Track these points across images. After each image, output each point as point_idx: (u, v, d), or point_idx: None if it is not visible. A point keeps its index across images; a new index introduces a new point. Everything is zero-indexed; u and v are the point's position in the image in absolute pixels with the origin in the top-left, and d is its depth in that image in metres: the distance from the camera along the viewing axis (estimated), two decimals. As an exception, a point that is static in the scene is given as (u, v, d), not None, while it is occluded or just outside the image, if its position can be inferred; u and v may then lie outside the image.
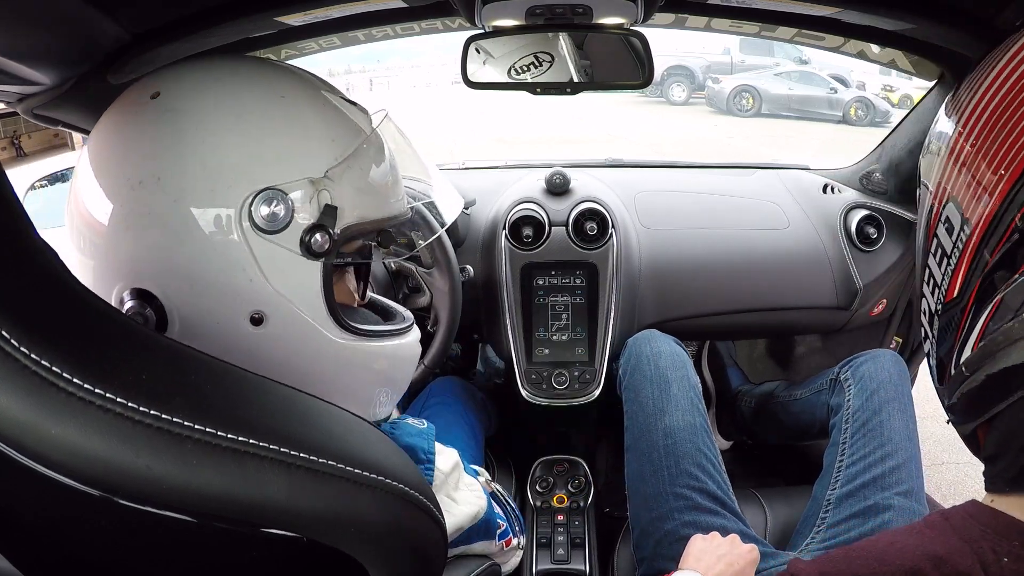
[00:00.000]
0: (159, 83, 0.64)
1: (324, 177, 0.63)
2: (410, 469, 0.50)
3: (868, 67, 9.97)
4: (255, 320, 0.61)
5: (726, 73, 12.69)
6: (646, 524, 1.11)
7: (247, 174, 0.60)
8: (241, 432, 0.37)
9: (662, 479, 1.11)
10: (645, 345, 1.32)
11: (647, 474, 1.14)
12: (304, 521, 0.40)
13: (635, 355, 1.32)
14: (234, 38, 1.02)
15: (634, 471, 1.18)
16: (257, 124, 0.62)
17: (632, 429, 1.23)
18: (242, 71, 0.66)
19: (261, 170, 0.60)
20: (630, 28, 1.05)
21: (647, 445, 1.17)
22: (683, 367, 1.27)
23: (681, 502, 1.07)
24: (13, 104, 0.90)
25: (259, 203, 0.59)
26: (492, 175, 1.85)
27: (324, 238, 0.62)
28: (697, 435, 1.15)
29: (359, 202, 0.66)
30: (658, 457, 1.14)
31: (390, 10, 1.11)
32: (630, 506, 1.17)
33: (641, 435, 1.19)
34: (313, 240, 0.62)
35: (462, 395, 1.52)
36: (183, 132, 0.60)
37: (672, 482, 1.10)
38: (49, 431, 0.32)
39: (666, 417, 1.18)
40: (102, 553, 0.41)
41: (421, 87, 18.87)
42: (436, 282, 1.35)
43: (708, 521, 1.05)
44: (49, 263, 0.36)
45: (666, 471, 1.11)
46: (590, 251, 1.48)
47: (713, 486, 1.09)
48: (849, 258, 1.59)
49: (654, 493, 1.11)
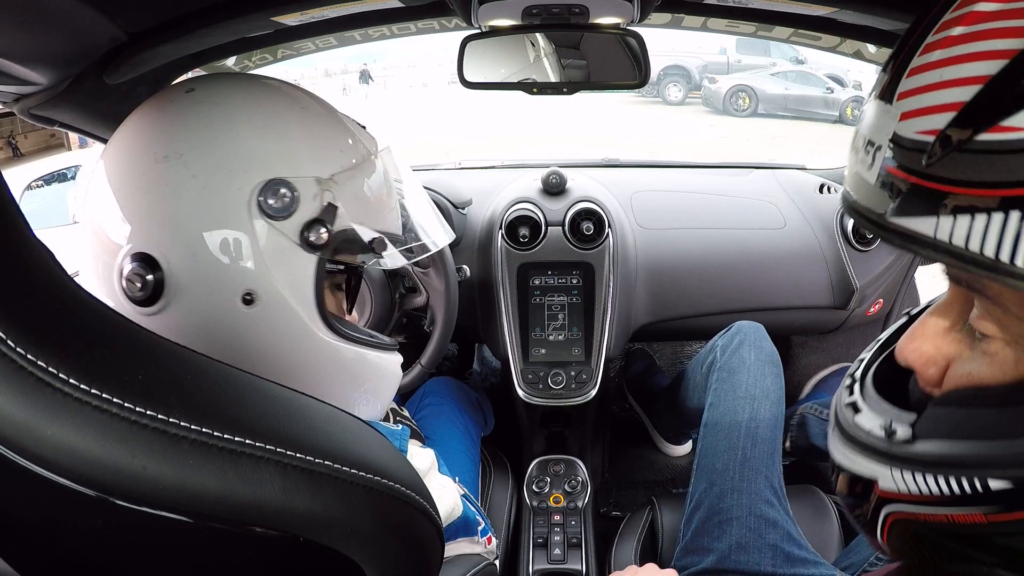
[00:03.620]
0: (195, 84, 0.71)
1: (330, 179, 0.69)
2: (406, 469, 0.50)
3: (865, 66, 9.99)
4: (247, 300, 0.66)
5: (722, 73, 12.71)
6: (704, 497, 1.13)
7: (262, 163, 0.65)
8: (237, 432, 0.37)
9: (735, 459, 1.13)
10: (751, 332, 1.32)
11: (721, 451, 1.15)
12: (300, 521, 0.40)
13: (740, 339, 1.32)
14: (230, 38, 1.02)
15: (708, 446, 1.19)
16: (277, 124, 0.69)
17: (717, 407, 1.23)
18: (271, 84, 0.74)
19: (275, 162, 0.66)
20: (626, 28, 1.05)
21: (730, 424, 1.18)
22: (779, 367, 1.28)
23: (745, 484, 1.10)
24: (9, 104, 0.89)
25: (269, 190, 0.65)
26: (488, 175, 1.86)
27: (322, 233, 0.67)
28: (777, 431, 1.18)
29: (357, 209, 0.71)
30: (737, 437, 1.15)
31: (386, 10, 1.11)
32: (694, 479, 1.18)
33: (726, 414, 1.20)
34: (312, 233, 0.67)
35: (456, 395, 1.52)
36: (211, 119, 0.66)
37: (744, 465, 1.12)
38: (45, 431, 0.32)
39: (755, 403, 1.19)
40: (98, 553, 0.41)
41: (418, 87, 18.86)
42: (432, 282, 1.35)
43: (763, 511, 1.07)
44: (45, 263, 0.36)
45: (741, 452, 1.13)
46: (586, 251, 1.49)
47: (776, 481, 1.12)
48: (845, 258, 1.60)
49: (722, 469, 1.13)
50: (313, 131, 0.71)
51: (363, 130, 0.79)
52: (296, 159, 0.67)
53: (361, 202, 0.72)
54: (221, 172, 0.64)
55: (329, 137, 0.72)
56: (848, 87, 11.52)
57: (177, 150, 0.64)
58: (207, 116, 0.67)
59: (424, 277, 1.35)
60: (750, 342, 1.30)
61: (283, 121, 0.69)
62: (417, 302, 1.39)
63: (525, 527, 1.45)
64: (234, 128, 0.66)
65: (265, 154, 0.66)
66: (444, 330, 1.35)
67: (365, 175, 0.73)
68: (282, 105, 0.71)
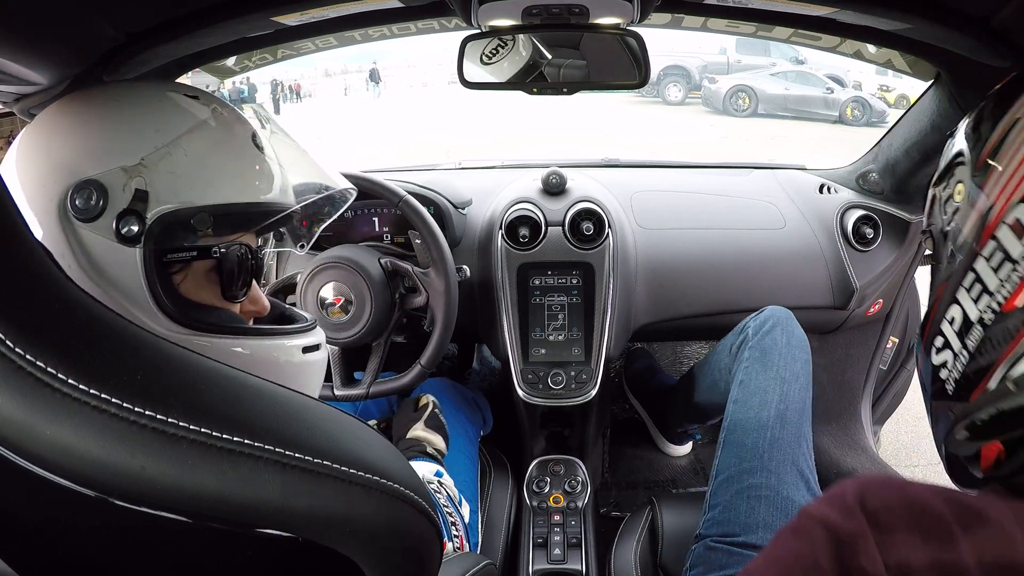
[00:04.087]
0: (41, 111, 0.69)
1: (139, 164, 0.64)
2: (405, 468, 0.50)
3: (864, 67, 10.02)
4: None
5: (722, 73, 12.72)
6: (732, 472, 1.12)
7: (69, 168, 0.63)
8: (236, 432, 0.37)
9: (764, 438, 1.12)
10: (783, 317, 1.31)
11: (751, 428, 1.15)
12: (299, 521, 0.40)
13: (773, 322, 1.31)
14: (230, 38, 1.02)
15: (737, 420, 1.18)
16: (85, 121, 0.66)
17: (747, 384, 1.23)
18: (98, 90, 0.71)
19: (80, 163, 0.64)
20: (626, 28, 1.05)
21: (760, 402, 1.17)
22: (808, 354, 1.27)
23: (774, 465, 1.09)
24: (9, 104, 0.89)
25: (77, 194, 0.63)
26: (488, 175, 1.86)
27: (133, 223, 0.64)
28: (806, 414, 1.17)
29: (177, 187, 0.66)
30: (767, 417, 1.15)
31: (387, 10, 1.11)
32: (720, 455, 1.17)
33: (756, 393, 1.20)
34: (123, 226, 0.64)
35: (450, 395, 1.52)
36: (34, 139, 0.66)
37: (773, 445, 1.11)
38: (44, 432, 0.32)
39: (786, 386, 1.19)
40: (97, 554, 0.41)
41: (418, 87, 18.88)
42: (432, 282, 1.35)
43: (791, 494, 1.06)
44: (43, 263, 0.36)
45: (770, 432, 1.13)
46: (586, 251, 1.49)
47: (804, 466, 1.11)
48: (845, 258, 1.60)
49: (752, 446, 1.12)
50: (122, 119, 0.67)
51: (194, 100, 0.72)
52: (103, 154, 0.64)
53: (181, 178, 0.66)
54: (35, 186, 0.64)
55: (140, 120, 0.67)
56: (848, 87, 11.54)
57: (17, 177, 0.65)
58: (33, 138, 0.67)
59: (424, 277, 1.35)
60: (782, 326, 1.29)
61: (93, 119, 0.67)
62: (417, 302, 1.39)
63: (525, 527, 1.45)
64: (43, 140, 0.66)
65: (72, 158, 0.64)
66: (444, 330, 1.35)
67: (185, 148, 0.67)
68: (94, 104, 0.68)
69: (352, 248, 1.39)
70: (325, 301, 1.32)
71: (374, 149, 9.16)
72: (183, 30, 0.88)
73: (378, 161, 5.77)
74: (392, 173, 1.75)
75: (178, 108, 0.70)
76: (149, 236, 0.65)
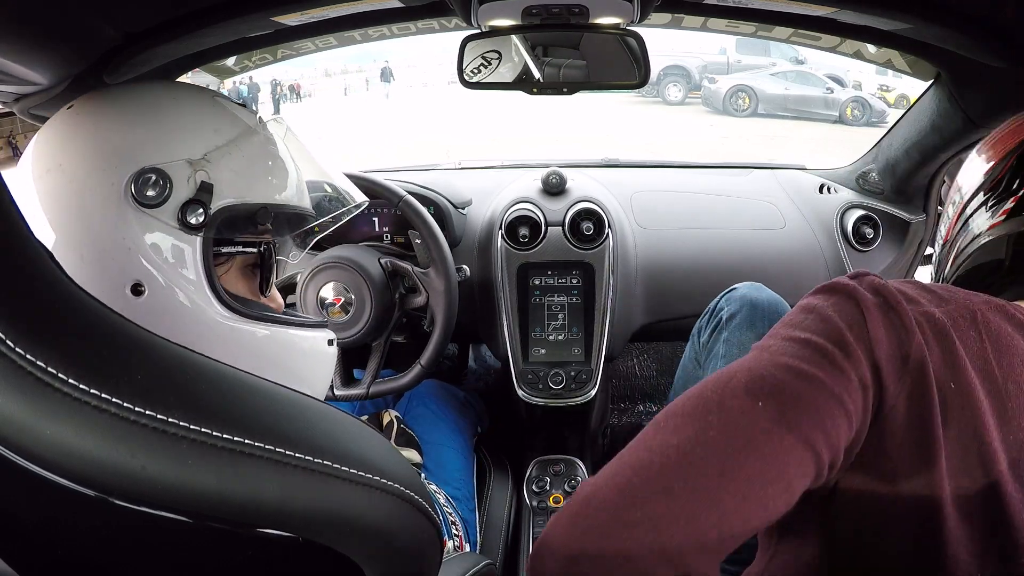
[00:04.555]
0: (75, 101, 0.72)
1: (203, 159, 0.69)
2: (405, 468, 0.50)
3: (864, 67, 10.01)
4: (137, 290, 0.66)
5: (722, 73, 12.72)
6: None
7: (131, 156, 0.66)
8: (237, 432, 0.37)
9: None
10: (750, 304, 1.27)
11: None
12: (299, 521, 0.40)
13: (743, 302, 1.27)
14: (230, 38, 1.02)
15: None
16: (145, 116, 0.70)
17: None
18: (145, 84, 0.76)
19: (144, 153, 0.67)
20: (626, 28, 1.05)
21: None
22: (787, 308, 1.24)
23: None
24: (9, 104, 0.89)
25: (140, 181, 0.65)
26: (488, 175, 1.85)
27: (200, 212, 0.67)
28: None
29: (237, 184, 0.71)
30: None
31: (386, 10, 1.11)
32: None
33: None
34: (189, 215, 0.67)
35: (440, 395, 1.53)
36: (81, 125, 0.68)
37: None
38: (44, 432, 0.32)
39: None
40: (97, 553, 0.41)
41: (418, 87, 18.86)
42: (432, 282, 1.35)
43: None
44: (43, 263, 0.36)
45: None
46: (586, 251, 1.49)
47: None
48: (845, 258, 1.60)
49: None
50: (182, 115, 0.71)
51: (243, 109, 0.79)
52: (165, 145, 0.68)
53: (240, 176, 0.72)
54: (94, 173, 0.66)
55: (199, 118, 0.72)
56: (848, 87, 11.54)
57: (57, 161, 0.66)
58: (80, 125, 0.69)
59: (424, 277, 1.35)
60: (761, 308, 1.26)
61: (152, 112, 0.70)
62: (417, 302, 1.39)
63: (525, 527, 1.45)
64: (102, 129, 0.68)
65: (134, 147, 0.67)
66: (444, 330, 1.35)
67: (243, 150, 0.73)
68: (150, 98, 0.72)
69: (352, 248, 1.39)
70: (325, 301, 1.32)
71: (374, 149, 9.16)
72: (183, 30, 0.89)
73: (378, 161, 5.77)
74: (392, 173, 1.75)
75: (230, 113, 0.75)
76: (209, 226, 0.69)
